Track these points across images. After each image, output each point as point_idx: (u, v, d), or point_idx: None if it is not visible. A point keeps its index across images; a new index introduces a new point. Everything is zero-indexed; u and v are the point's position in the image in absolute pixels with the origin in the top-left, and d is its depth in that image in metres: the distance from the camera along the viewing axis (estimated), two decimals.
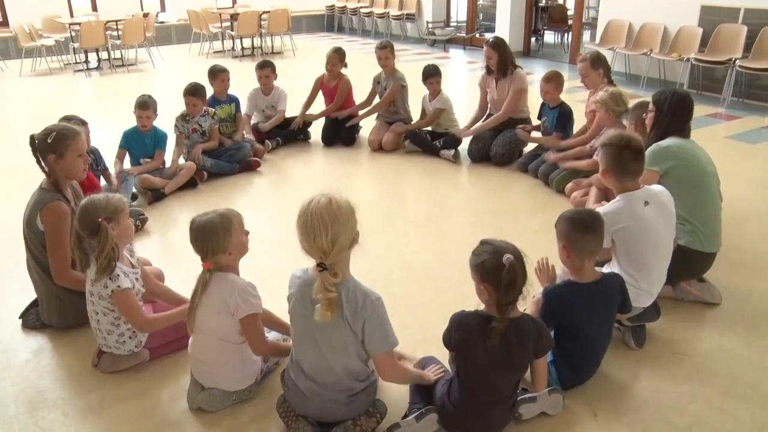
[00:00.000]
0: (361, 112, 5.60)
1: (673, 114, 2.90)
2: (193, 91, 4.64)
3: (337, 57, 5.41)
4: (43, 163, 2.65)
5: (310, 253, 1.87)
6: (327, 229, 1.80)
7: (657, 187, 2.58)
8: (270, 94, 5.45)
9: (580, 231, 2.22)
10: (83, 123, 3.74)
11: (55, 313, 2.71)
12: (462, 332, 1.98)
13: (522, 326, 1.99)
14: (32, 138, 2.65)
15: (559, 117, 4.51)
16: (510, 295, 1.89)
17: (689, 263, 2.81)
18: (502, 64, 4.77)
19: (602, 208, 2.49)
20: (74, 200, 2.71)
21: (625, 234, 2.45)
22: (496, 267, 1.88)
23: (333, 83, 5.52)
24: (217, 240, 2.09)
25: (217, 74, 5.03)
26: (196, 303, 2.13)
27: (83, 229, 2.32)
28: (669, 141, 2.86)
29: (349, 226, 1.84)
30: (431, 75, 5.06)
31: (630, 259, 2.48)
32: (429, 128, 5.29)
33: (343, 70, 5.54)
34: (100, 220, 2.28)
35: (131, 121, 4.41)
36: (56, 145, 2.60)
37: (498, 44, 4.78)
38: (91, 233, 2.31)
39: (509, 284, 1.87)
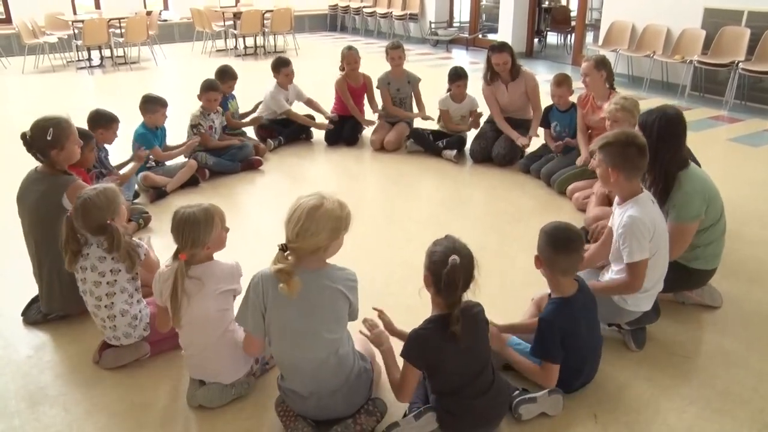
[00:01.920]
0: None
1: (664, 142, 2.60)
2: (214, 86, 4.69)
3: (356, 54, 5.37)
4: (42, 157, 2.70)
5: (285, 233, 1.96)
6: (297, 223, 1.90)
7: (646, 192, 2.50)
8: (288, 89, 5.46)
9: (551, 248, 2.20)
10: (113, 120, 3.87)
11: (57, 297, 2.73)
12: (421, 349, 1.98)
13: (470, 313, 2.01)
14: (25, 136, 2.69)
15: (573, 120, 4.42)
16: (452, 295, 1.92)
17: (692, 280, 2.80)
18: (514, 67, 4.75)
19: (631, 212, 2.35)
20: None
21: (650, 236, 2.38)
22: (441, 263, 1.92)
23: (360, 82, 5.48)
24: (198, 233, 2.13)
25: (227, 80, 5.07)
26: (179, 297, 2.13)
27: (87, 229, 2.36)
28: (695, 184, 2.62)
29: (322, 234, 1.91)
30: (460, 77, 5.03)
31: None
32: (435, 128, 5.31)
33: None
34: (108, 222, 2.33)
35: (135, 119, 4.40)
36: (56, 139, 2.68)
37: (509, 47, 4.75)
38: (96, 232, 2.36)
39: (448, 284, 1.90)
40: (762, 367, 2.48)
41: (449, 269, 1.88)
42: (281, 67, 5.37)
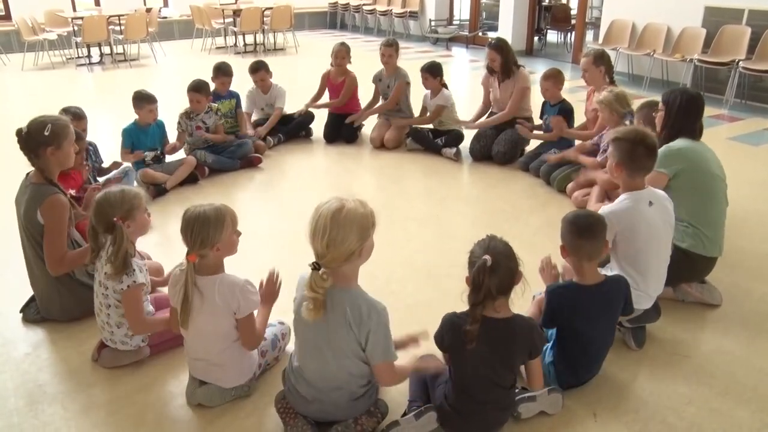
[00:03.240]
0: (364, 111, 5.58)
1: (683, 114, 2.87)
2: (197, 88, 4.62)
3: (345, 50, 5.41)
4: (34, 157, 2.62)
5: (312, 248, 1.87)
6: (325, 233, 1.79)
7: (658, 190, 2.56)
8: (268, 92, 5.41)
9: (575, 234, 2.20)
10: (81, 117, 3.73)
11: (57, 305, 2.71)
12: (452, 333, 1.96)
13: (513, 327, 1.97)
14: (21, 132, 2.60)
15: (559, 114, 4.49)
16: (477, 295, 1.87)
17: (691, 266, 2.80)
18: (505, 66, 4.78)
19: (608, 207, 2.47)
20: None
21: (629, 234, 2.43)
22: (474, 263, 1.89)
23: (340, 79, 5.49)
24: (207, 233, 2.05)
25: (219, 76, 5.04)
26: (190, 300, 2.08)
27: (98, 225, 2.32)
28: (680, 143, 2.85)
29: (351, 238, 1.80)
30: (424, 70, 5.02)
31: (631, 261, 2.47)
32: (430, 126, 5.28)
33: (348, 67, 5.52)
34: (115, 219, 2.27)
35: (133, 116, 4.40)
36: (54, 137, 2.60)
37: (501, 46, 4.77)
38: (106, 229, 2.32)
39: (475, 284, 1.87)
40: (762, 366, 2.48)
41: (475, 269, 1.86)
42: (250, 72, 5.35)
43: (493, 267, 1.85)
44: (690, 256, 2.76)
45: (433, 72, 5.00)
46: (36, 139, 2.59)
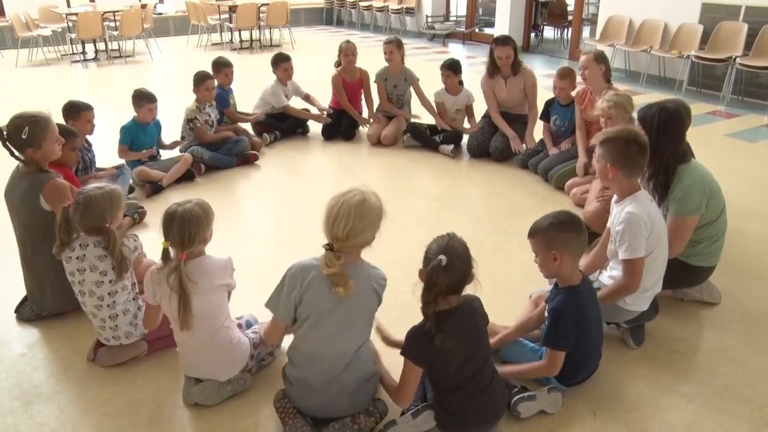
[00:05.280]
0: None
1: (665, 136, 2.57)
2: (208, 74, 4.66)
3: (354, 47, 5.35)
4: (18, 155, 2.62)
5: (325, 233, 1.94)
6: (348, 222, 1.88)
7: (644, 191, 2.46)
8: (287, 84, 5.42)
9: (573, 231, 2.16)
10: (88, 107, 3.70)
11: (49, 297, 2.69)
12: (424, 342, 1.93)
13: (468, 307, 1.99)
14: (1, 132, 2.60)
15: (573, 115, 4.36)
16: (428, 294, 1.89)
17: (692, 277, 2.79)
18: (516, 61, 4.73)
19: (630, 208, 2.33)
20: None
21: (647, 234, 2.35)
22: (429, 260, 1.91)
23: (357, 77, 5.43)
24: (200, 229, 2.10)
25: (222, 68, 5.01)
26: (188, 298, 2.07)
27: (83, 226, 2.32)
28: (694, 178, 2.60)
29: (370, 229, 1.93)
30: (447, 68, 4.98)
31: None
32: (429, 123, 5.27)
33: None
34: (107, 225, 2.31)
35: (129, 113, 4.36)
36: (32, 138, 2.58)
37: (513, 41, 4.72)
38: (91, 231, 2.32)
39: (428, 282, 1.88)
40: (761, 364, 2.47)
41: (431, 268, 1.87)
42: (280, 62, 5.34)
43: (447, 267, 1.86)
44: (691, 268, 2.73)
45: (454, 69, 4.98)
46: (16, 141, 2.59)
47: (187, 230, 2.07)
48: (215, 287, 2.16)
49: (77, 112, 3.62)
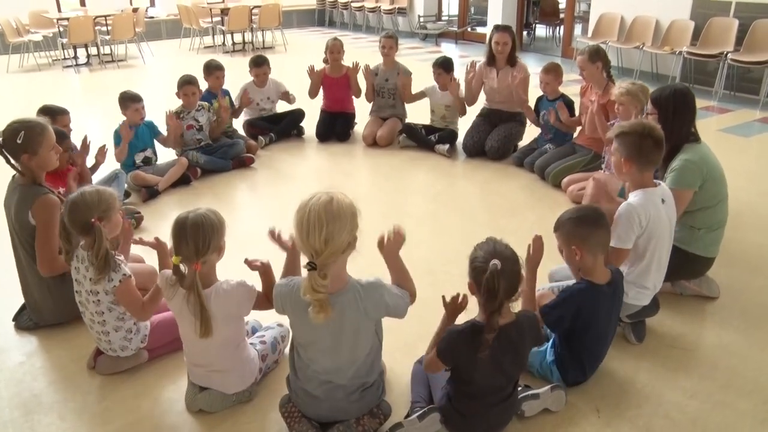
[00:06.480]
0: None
1: (680, 116, 2.72)
2: (191, 79, 4.58)
3: (340, 44, 5.36)
4: (14, 162, 2.57)
5: (303, 250, 1.80)
6: (322, 228, 1.72)
7: (665, 187, 2.51)
8: (265, 86, 5.39)
9: (592, 226, 2.16)
10: (58, 113, 3.56)
11: (49, 308, 2.67)
12: (464, 347, 1.89)
13: (520, 328, 1.93)
14: None
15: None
16: (492, 303, 1.81)
17: (690, 267, 2.80)
18: (513, 50, 4.75)
19: (630, 200, 2.38)
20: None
21: (640, 231, 2.38)
22: (483, 269, 1.82)
23: (337, 74, 5.40)
24: (215, 235, 2.02)
25: (213, 71, 4.98)
26: (208, 309, 2.02)
27: (73, 226, 2.25)
28: (694, 154, 2.71)
29: (346, 229, 1.76)
30: (439, 66, 4.99)
31: (640, 258, 2.43)
32: (424, 122, 5.27)
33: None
34: (93, 220, 2.21)
35: (121, 118, 4.33)
36: (27, 144, 2.52)
37: (511, 29, 4.76)
38: (82, 231, 2.25)
39: (488, 291, 1.80)
40: (762, 358, 2.48)
41: (488, 275, 1.79)
42: (252, 67, 5.33)
43: (502, 270, 1.80)
44: (690, 257, 2.75)
45: (446, 67, 4.99)
46: (10, 146, 2.54)
47: (202, 235, 1.98)
48: (230, 318, 2.10)
49: (53, 116, 3.42)
